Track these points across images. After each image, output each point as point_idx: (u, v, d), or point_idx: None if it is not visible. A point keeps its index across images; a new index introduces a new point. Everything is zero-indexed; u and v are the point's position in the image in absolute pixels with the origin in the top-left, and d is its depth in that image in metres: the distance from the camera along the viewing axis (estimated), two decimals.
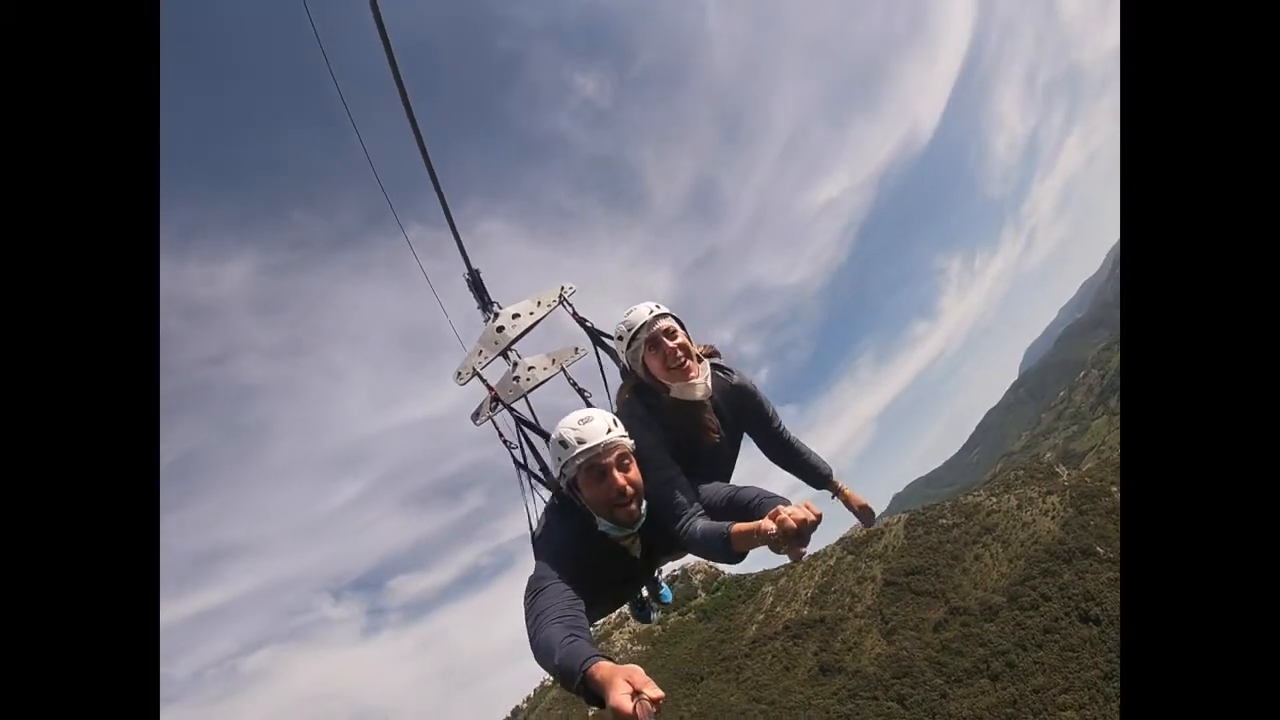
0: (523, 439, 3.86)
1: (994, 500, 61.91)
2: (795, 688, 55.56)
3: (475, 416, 4.18)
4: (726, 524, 2.30)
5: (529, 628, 2.09)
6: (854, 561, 63.23)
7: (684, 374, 2.81)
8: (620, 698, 1.52)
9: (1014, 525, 57.54)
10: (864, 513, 3.37)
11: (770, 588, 67.64)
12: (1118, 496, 53.64)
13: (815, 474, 3.36)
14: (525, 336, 4.19)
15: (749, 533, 2.12)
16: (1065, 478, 61.55)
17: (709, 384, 2.89)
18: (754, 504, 2.40)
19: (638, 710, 1.49)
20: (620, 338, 2.94)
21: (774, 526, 1.96)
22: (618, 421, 2.48)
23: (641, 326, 2.85)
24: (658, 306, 2.90)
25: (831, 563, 65.13)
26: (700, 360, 2.91)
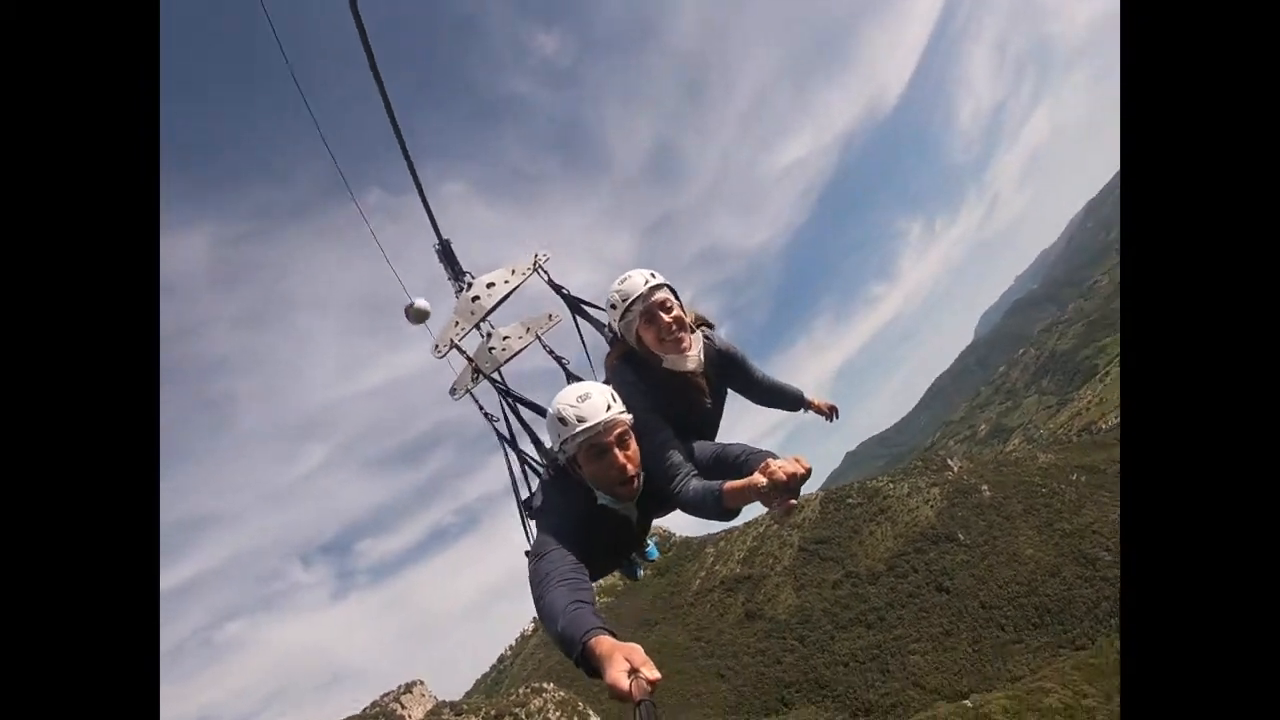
0: (505, 410, 3.83)
1: (892, 486, 76.86)
2: (727, 630, 71.01)
3: (453, 391, 4.10)
4: (718, 483, 2.30)
5: (534, 593, 2.10)
6: (778, 530, 78.18)
7: (678, 346, 2.78)
8: (617, 674, 1.50)
9: (902, 509, 72.58)
10: (832, 411, 3.72)
11: (712, 549, 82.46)
12: (986, 493, 68.90)
13: (792, 401, 3.56)
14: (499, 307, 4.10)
15: (741, 489, 2.13)
16: (952, 473, 76.61)
17: (701, 355, 2.87)
18: (741, 460, 2.46)
19: (633, 689, 1.46)
20: (614, 306, 2.87)
21: (764, 480, 1.98)
22: (615, 396, 2.41)
23: (637, 298, 2.78)
24: (654, 276, 2.83)
25: (761, 530, 79.86)
26: (693, 330, 2.88)
